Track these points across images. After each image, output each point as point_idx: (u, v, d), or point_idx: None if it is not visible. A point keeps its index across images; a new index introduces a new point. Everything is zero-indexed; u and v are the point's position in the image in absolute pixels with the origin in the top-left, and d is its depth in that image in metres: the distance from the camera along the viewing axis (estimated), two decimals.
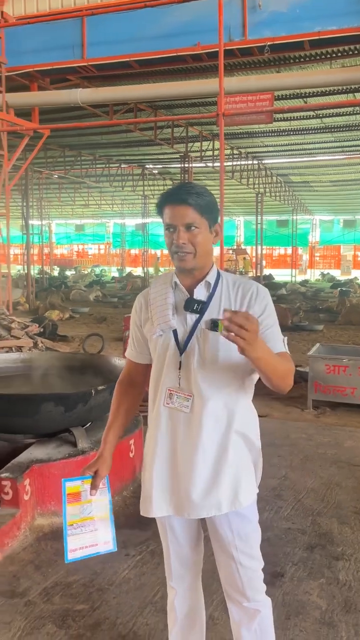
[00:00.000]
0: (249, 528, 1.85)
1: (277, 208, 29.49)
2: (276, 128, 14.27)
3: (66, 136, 15.25)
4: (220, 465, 1.77)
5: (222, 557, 1.88)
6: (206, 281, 1.80)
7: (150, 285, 1.95)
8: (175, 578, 1.97)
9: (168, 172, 21.98)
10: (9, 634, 2.38)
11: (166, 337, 1.81)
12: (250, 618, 1.89)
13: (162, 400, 1.80)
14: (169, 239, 1.76)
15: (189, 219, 1.72)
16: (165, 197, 1.77)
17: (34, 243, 25.06)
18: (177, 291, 1.83)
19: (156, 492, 1.81)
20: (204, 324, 1.74)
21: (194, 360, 1.76)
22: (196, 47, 7.27)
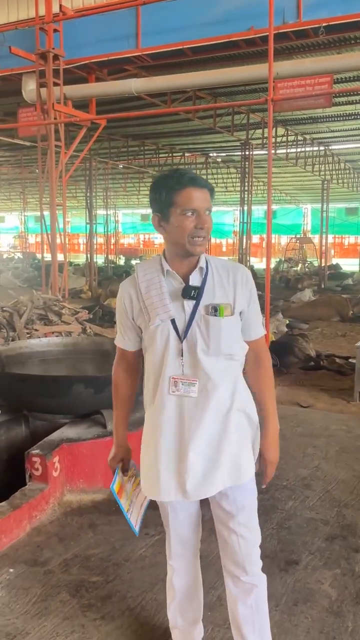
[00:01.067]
0: (248, 501, 1.92)
1: (345, 195, 28.55)
2: (342, 112, 13.80)
3: (129, 126, 15.46)
4: (224, 443, 1.83)
5: (224, 532, 1.94)
6: (200, 267, 1.83)
7: (135, 273, 1.92)
8: (174, 557, 2.05)
9: (232, 160, 21.79)
10: (26, 598, 2.53)
11: (164, 326, 1.82)
12: (246, 593, 1.94)
13: (167, 388, 1.82)
14: (189, 223, 1.75)
15: (209, 202, 1.79)
16: (184, 181, 1.77)
17: (100, 233, 25.74)
18: (169, 278, 1.84)
19: (164, 477, 1.85)
20: (204, 310, 1.79)
21: (197, 346, 1.79)
22: (249, 31, 7.16)
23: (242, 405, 1.88)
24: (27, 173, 21.97)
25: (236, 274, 1.85)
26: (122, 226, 41.15)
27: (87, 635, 2.30)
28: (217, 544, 2.64)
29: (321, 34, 6.88)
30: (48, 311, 6.46)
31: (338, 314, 12.33)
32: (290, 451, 4.25)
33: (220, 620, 2.38)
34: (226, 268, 1.86)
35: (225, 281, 1.83)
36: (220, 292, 1.82)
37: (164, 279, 1.84)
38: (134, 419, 3.85)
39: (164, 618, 2.38)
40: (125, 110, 12.29)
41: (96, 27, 8.16)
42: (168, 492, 1.86)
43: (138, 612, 2.45)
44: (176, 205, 1.76)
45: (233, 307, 1.82)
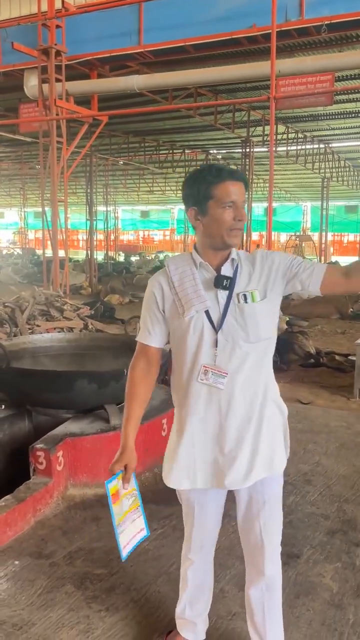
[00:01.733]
0: (277, 491, 1.96)
1: (345, 193, 28.60)
2: (342, 110, 13.83)
3: (130, 122, 15.46)
4: (259, 434, 1.86)
5: (247, 519, 1.97)
6: (232, 258, 1.87)
7: (167, 267, 1.94)
8: (194, 550, 2.06)
9: (232, 157, 21.79)
10: (31, 590, 2.56)
11: (198, 317, 1.83)
12: (261, 578, 1.99)
13: (196, 376, 1.84)
14: (228, 215, 1.80)
15: (244, 195, 1.84)
16: (226, 173, 1.81)
17: (99, 229, 25.74)
18: (202, 270, 1.87)
19: (200, 465, 1.88)
20: (237, 299, 1.83)
21: (235, 335, 1.81)
22: (251, 29, 7.18)
23: (273, 395, 1.92)
24: (27, 169, 21.97)
25: (255, 257, 1.90)
26: (122, 223, 41.14)
27: (92, 626, 2.34)
28: (219, 536, 2.68)
29: (323, 32, 6.90)
30: (50, 307, 6.49)
31: (337, 312, 12.36)
32: (291, 447, 4.25)
33: (223, 611, 2.41)
34: (250, 257, 1.91)
35: (251, 268, 1.87)
36: (249, 280, 1.85)
37: (197, 271, 1.87)
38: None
39: (168, 610, 2.43)
40: (126, 107, 12.30)
41: (98, 24, 8.17)
42: (205, 480, 1.89)
43: (142, 604, 2.49)
44: (215, 199, 1.79)
45: (265, 290, 1.84)
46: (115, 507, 1.90)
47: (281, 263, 1.86)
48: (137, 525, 2.01)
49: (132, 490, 1.98)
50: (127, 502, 1.96)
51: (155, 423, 3.79)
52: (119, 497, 1.93)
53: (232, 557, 2.77)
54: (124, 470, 1.93)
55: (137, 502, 2.01)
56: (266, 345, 1.87)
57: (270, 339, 1.88)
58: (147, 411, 3.99)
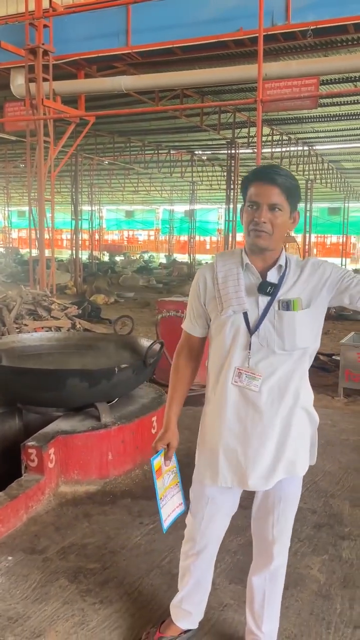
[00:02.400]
0: (294, 491, 2.00)
1: (328, 195, 28.88)
2: (326, 113, 13.98)
3: (115, 122, 15.45)
4: (285, 439, 1.87)
5: (261, 513, 2.01)
6: (279, 265, 1.86)
7: (215, 261, 1.96)
8: (199, 546, 2.08)
9: (217, 158, 21.89)
10: (25, 585, 2.60)
11: (236, 318, 1.86)
12: (265, 569, 2.05)
13: (230, 378, 1.87)
14: (249, 216, 1.80)
15: (275, 199, 1.78)
16: (254, 175, 1.83)
17: (84, 229, 25.67)
18: (247, 272, 1.88)
19: (223, 464, 1.91)
20: (277, 306, 1.82)
21: (268, 341, 1.83)
22: (238, 32, 7.26)
23: (305, 403, 1.92)
24: (11, 167, 21.80)
25: (305, 265, 1.88)
26: (106, 222, 41.04)
27: (87, 618, 2.38)
28: None
29: (309, 37, 7.01)
30: (37, 306, 6.49)
31: None
32: None
33: (215, 603, 2.47)
34: (299, 265, 1.89)
35: (298, 276, 1.86)
36: (294, 288, 1.85)
37: (242, 272, 1.88)
38: (126, 412, 3.94)
39: (161, 602, 2.48)
40: (112, 107, 12.31)
41: (86, 24, 8.19)
42: (225, 479, 1.92)
43: (135, 596, 2.54)
44: (245, 199, 1.84)
45: (309, 300, 1.83)
46: (159, 482, 2.01)
47: (332, 275, 1.85)
48: (176, 500, 2.10)
49: (173, 467, 2.08)
50: (167, 478, 2.06)
51: (145, 421, 3.84)
52: (161, 473, 2.03)
53: (222, 551, 2.80)
54: (167, 448, 2.01)
55: (176, 478, 2.11)
56: (302, 354, 1.87)
57: (307, 348, 1.87)
58: (137, 409, 4.07)
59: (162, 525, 2.01)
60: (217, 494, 2.01)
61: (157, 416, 4.00)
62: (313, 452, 2.00)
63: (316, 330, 1.90)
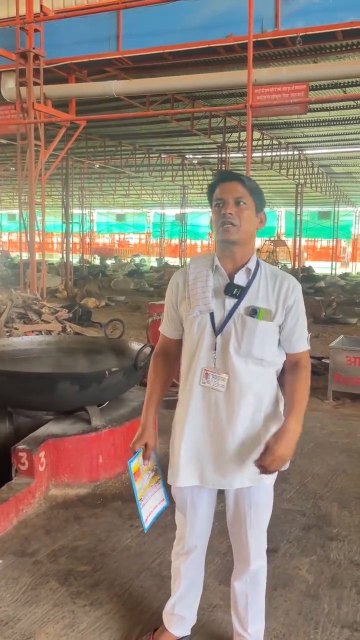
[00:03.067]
0: (264, 499, 2.01)
1: (319, 199, 29.07)
2: (316, 118, 14.11)
3: (106, 126, 15.48)
4: (251, 441, 1.90)
5: (234, 520, 2.03)
6: (247, 267, 1.90)
7: (188, 265, 2.01)
8: (186, 547, 2.11)
9: (207, 162, 21.98)
10: (16, 587, 2.61)
11: (203, 318, 1.89)
12: (245, 572, 2.07)
13: (197, 379, 1.90)
14: (217, 214, 1.86)
15: (239, 193, 1.85)
16: (218, 177, 1.91)
17: (75, 232, 25.65)
18: (217, 274, 1.92)
19: (184, 463, 1.94)
20: (243, 310, 1.86)
21: (229, 343, 1.86)
22: (228, 38, 7.32)
23: (272, 406, 1.94)
24: (1, 170, 21.77)
25: (283, 283, 1.89)
26: (97, 226, 41.01)
27: (77, 620, 2.40)
28: None
29: (298, 43, 7.08)
30: (28, 310, 6.50)
31: (311, 316, 12.58)
32: None
33: (204, 604, 2.49)
34: (275, 275, 1.92)
35: (271, 288, 1.89)
36: (264, 297, 1.88)
37: (212, 274, 1.92)
38: (117, 415, 3.95)
39: (151, 603, 2.50)
40: (103, 111, 12.34)
41: (77, 28, 8.22)
42: (186, 477, 1.95)
43: (126, 598, 2.55)
44: (212, 201, 1.90)
45: (274, 314, 1.86)
46: (137, 484, 2.03)
47: (293, 308, 1.89)
48: (158, 497, 2.13)
49: (152, 465, 2.11)
50: (147, 477, 2.09)
51: (135, 424, 3.82)
52: (140, 474, 2.05)
53: (211, 553, 2.84)
54: (144, 448, 2.03)
55: (157, 476, 2.13)
56: (258, 364, 1.88)
57: (262, 360, 1.88)
58: (127, 412, 4.08)
59: (143, 525, 2.04)
60: (195, 496, 2.03)
61: None
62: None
63: (273, 347, 1.91)
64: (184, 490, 2.02)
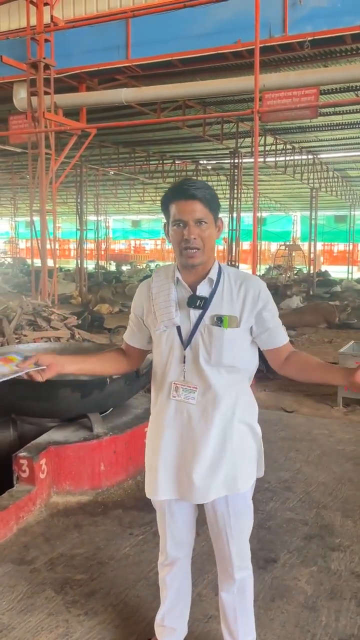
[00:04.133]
0: (241, 507, 1.98)
1: (334, 203, 28.88)
2: (329, 122, 14.03)
3: (120, 133, 15.59)
4: (223, 452, 1.88)
5: (215, 530, 2.01)
6: (209, 278, 1.86)
7: (152, 276, 2.00)
8: (169, 558, 2.10)
9: (222, 168, 21.99)
10: (12, 596, 2.61)
11: (170, 333, 1.88)
12: (231, 583, 2.04)
13: (168, 393, 1.90)
14: (178, 235, 1.80)
15: (199, 213, 1.78)
16: (173, 193, 1.82)
17: (90, 239, 25.84)
18: (179, 287, 1.89)
19: (162, 476, 1.93)
20: (209, 320, 1.84)
21: (198, 354, 1.85)
22: (236, 44, 7.32)
23: (244, 417, 1.92)
24: (17, 179, 22.04)
25: (248, 287, 1.86)
26: (113, 232, 41.23)
27: (71, 630, 2.39)
28: (198, 542, 2.75)
29: (306, 48, 7.05)
30: (37, 317, 6.54)
31: (325, 321, 12.49)
32: (273, 454, 4.36)
33: (199, 614, 2.47)
34: (240, 280, 1.88)
35: (236, 293, 1.86)
36: (229, 304, 1.84)
37: (174, 287, 1.89)
38: (119, 422, 3.95)
39: (146, 613, 2.48)
40: (115, 118, 12.43)
41: (87, 38, 8.29)
42: (164, 491, 1.94)
43: (121, 608, 2.54)
44: (170, 217, 1.83)
45: (239, 320, 1.83)
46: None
47: (263, 306, 1.86)
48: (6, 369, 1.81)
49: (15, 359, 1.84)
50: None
51: (138, 431, 3.84)
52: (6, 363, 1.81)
53: (210, 563, 2.82)
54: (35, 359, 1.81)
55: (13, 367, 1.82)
56: (231, 372, 1.87)
57: (234, 367, 1.86)
58: (130, 420, 4.08)
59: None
60: (173, 506, 2.01)
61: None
62: (260, 465, 2.02)
63: (247, 350, 1.90)
64: (162, 502, 2.01)
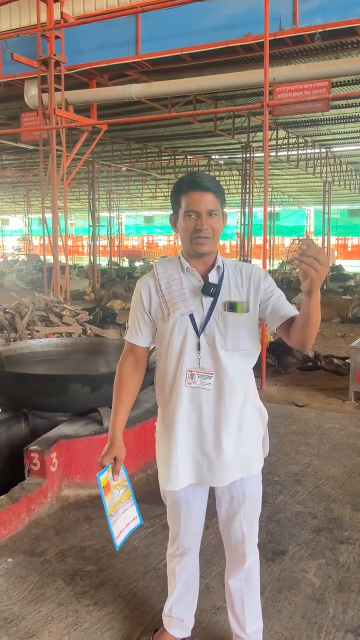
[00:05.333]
0: (256, 489, 2.04)
1: (348, 197, 28.62)
2: (342, 115, 13.90)
3: (131, 129, 15.60)
4: (240, 435, 1.93)
5: (229, 514, 2.04)
6: (217, 266, 1.93)
7: (155, 269, 2.01)
8: (181, 548, 2.13)
9: (234, 162, 21.91)
10: (23, 586, 2.65)
11: (182, 320, 1.90)
12: (240, 568, 2.08)
13: (183, 380, 1.91)
14: (190, 224, 1.86)
15: (211, 205, 1.86)
16: (187, 184, 1.88)
17: (103, 235, 25.93)
18: (189, 275, 1.94)
19: (181, 464, 1.94)
20: (222, 307, 1.90)
21: (214, 340, 1.89)
22: (246, 37, 7.29)
23: (254, 400, 2.00)
24: (30, 176, 22.15)
25: (248, 272, 1.95)
26: (126, 228, 41.32)
27: (80, 619, 2.42)
28: (207, 535, 2.77)
29: (317, 40, 7.00)
30: (49, 312, 6.59)
31: (338, 315, 12.41)
32: (283, 448, 4.36)
33: (207, 605, 2.49)
34: (237, 268, 1.97)
35: (239, 280, 1.94)
36: (235, 290, 1.92)
37: (184, 275, 1.94)
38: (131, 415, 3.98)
39: (154, 604, 2.51)
40: (126, 114, 12.45)
41: (97, 34, 8.31)
42: (184, 478, 1.96)
43: (130, 598, 2.57)
44: (182, 207, 1.88)
45: (248, 304, 1.90)
46: (107, 499, 1.97)
47: (263, 281, 1.93)
48: (129, 514, 2.07)
49: (123, 481, 2.05)
50: (117, 492, 2.03)
51: (148, 425, 3.87)
52: (110, 489, 2.00)
53: (218, 555, 2.85)
54: (114, 462, 1.99)
55: (128, 492, 2.08)
56: (245, 355, 1.93)
57: (247, 350, 1.93)
58: (140, 413, 4.11)
59: (114, 542, 1.96)
60: (189, 495, 2.03)
61: None
62: (265, 446, 2.07)
63: (255, 334, 1.95)
64: (178, 491, 2.02)
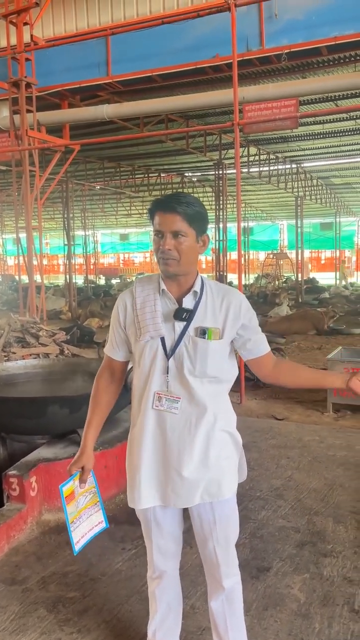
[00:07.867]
0: (226, 513, 2.00)
1: (320, 211, 29.15)
2: (310, 132, 14.24)
3: (104, 148, 15.69)
4: (206, 460, 1.91)
5: (201, 537, 2.03)
6: (194, 291, 1.92)
7: (134, 287, 2.01)
8: (157, 570, 2.11)
9: (207, 179, 22.16)
10: (4, 616, 2.59)
11: (153, 343, 1.91)
12: (220, 591, 2.06)
13: (151, 403, 1.92)
14: (157, 244, 1.87)
15: (177, 226, 1.83)
16: (156, 205, 1.89)
17: (78, 253, 25.86)
18: (164, 298, 1.93)
19: (144, 484, 1.94)
20: (193, 332, 1.89)
21: (182, 365, 1.88)
22: (215, 59, 7.43)
23: (225, 425, 1.96)
24: (4, 196, 22.05)
25: (230, 300, 1.92)
26: (102, 246, 41.31)
27: None
28: (190, 554, 2.75)
29: (283, 60, 7.17)
30: (25, 334, 6.53)
31: (314, 328, 12.56)
32: (264, 463, 4.37)
33: (193, 627, 2.47)
34: (221, 293, 1.94)
35: (218, 306, 1.91)
36: (211, 317, 1.90)
37: (159, 297, 1.93)
38: (109, 436, 3.94)
39: (139, 628, 2.47)
40: (99, 134, 12.53)
41: (67, 56, 8.39)
42: (147, 498, 1.95)
43: (114, 624, 2.53)
44: (153, 224, 1.90)
45: (222, 332, 1.89)
46: (70, 507, 2.01)
47: (244, 317, 1.92)
48: (95, 519, 2.11)
49: (91, 487, 2.10)
50: (84, 499, 2.07)
51: None
52: (74, 497, 2.03)
53: (202, 575, 2.77)
54: (81, 471, 2.03)
55: (95, 498, 2.11)
56: (214, 382, 1.92)
57: (217, 377, 1.92)
58: (120, 433, 4.07)
59: (73, 547, 2.01)
60: (158, 516, 2.02)
61: None
62: (242, 471, 2.06)
63: (227, 361, 1.95)
64: (147, 511, 2.02)
